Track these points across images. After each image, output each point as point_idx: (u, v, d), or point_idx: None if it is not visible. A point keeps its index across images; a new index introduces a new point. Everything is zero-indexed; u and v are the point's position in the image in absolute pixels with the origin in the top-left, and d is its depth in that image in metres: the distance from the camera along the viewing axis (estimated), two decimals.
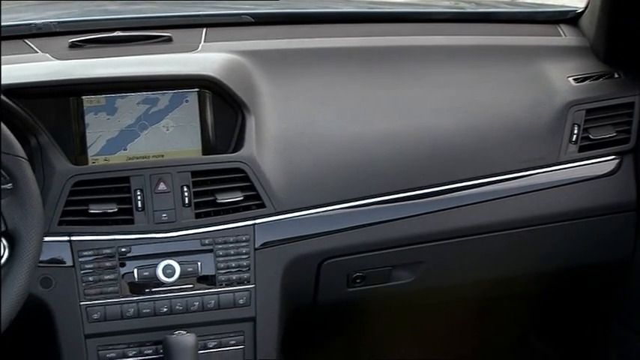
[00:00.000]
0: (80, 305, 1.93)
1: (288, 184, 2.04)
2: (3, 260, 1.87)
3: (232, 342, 2.01)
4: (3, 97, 1.90)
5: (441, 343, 2.72)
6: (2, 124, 1.71)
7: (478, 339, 2.73)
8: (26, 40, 2.19)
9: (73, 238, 1.93)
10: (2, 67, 2.03)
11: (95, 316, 1.93)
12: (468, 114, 2.20)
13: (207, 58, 2.12)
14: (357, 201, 2.09)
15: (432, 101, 2.21)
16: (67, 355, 1.95)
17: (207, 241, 1.98)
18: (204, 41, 2.21)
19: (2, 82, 1.93)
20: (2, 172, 1.86)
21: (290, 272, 2.03)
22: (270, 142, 2.06)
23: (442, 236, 2.15)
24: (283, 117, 2.11)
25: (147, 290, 1.96)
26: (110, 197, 1.96)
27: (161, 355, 1.95)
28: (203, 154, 2.04)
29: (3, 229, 1.70)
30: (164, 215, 1.97)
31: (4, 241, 1.86)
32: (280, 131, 2.09)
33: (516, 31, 2.44)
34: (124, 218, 1.95)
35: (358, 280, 2.14)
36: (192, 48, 2.17)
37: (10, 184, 1.76)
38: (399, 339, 2.70)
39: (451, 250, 2.17)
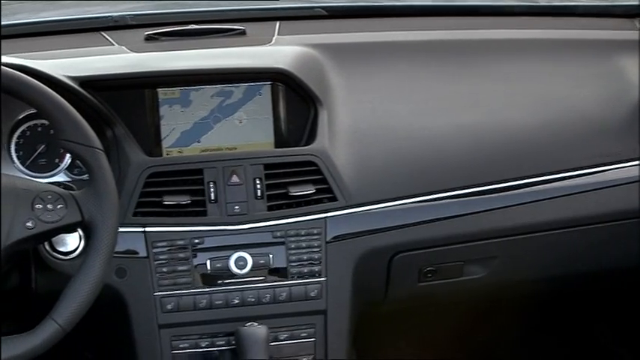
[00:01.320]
0: (154, 296, 1.95)
1: (360, 178, 2.04)
2: (79, 250, 1.91)
3: (303, 334, 2.01)
4: (80, 89, 1.93)
5: (509, 338, 2.70)
6: (80, 116, 1.73)
7: (547, 335, 2.70)
8: (103, 33, 2.22)
9: (148, 229, 1.95)
10: (80, 59, 2.08)
11: (169, 306, 1.95)
12: (541, 108, 2.18)
13: (280, 51, 2.13)
14: (429, 195, 2.07)
15: (505, 95, 2.19)
16: (140, 345, 1.97)
17: (279, 234, 1.99)
18: (278, 34, 2.22)
19: (80, 74, 1.96)
20: (79, 163, 1.90)
21: (361, 266, 2.02)
22: (342, 136, 2.06)
23: (515, 231, 2.13)
24: (356, 110, 2.11)
25: (219, 282, 1.97)
26: (184, 189, 1.97)
27: (233, 347, 1.96)
28: (275, 147, 2.05)
29: (79, 219, 1.73)
30: (236, 207, 1.98)
31: (80, 231, 1.90)
32: (352, 125, 2.09)
33: (591, 24, 2.42)
34: (197, 210, 1.97)
35: (429, 275, 2.14)
36: (266, 41, 2.18)
37: (86, 175, 1.79)
38: (467, 334, 2.69)
39: (524, 246, 2.15)
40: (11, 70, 1.70)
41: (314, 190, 1.99)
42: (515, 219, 2.12)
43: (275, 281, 1.99)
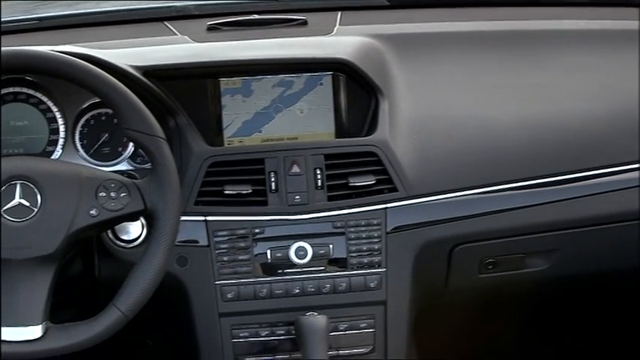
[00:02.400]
0: (215, 284, 1.96)
1: (420, 169, 2.03)
2: (142, 238, 1.93)
3: (363, 325, 2.01)
4: (144, 79, 1.95)
5: (568, 332, 2.68)
6: (143, 105, 1.74)
7: (610, 330, 2.68)
8: (166, 23, 2.24)
9: (209, 218, 1.96)
10: (144, 48, 2.09)
11: (229, 295, 1.96)
12: (604, 99, 2.16)
13: (342, 41, 2.13)
14: (490, 186, 2.06)
15: (567, 87, 2.17)
16: (201, 333, 1.98)
17: (339, 224, 1.99)
18: (339, 24, 2.22)
19: (143, 64, 1.98)
20: (142, 152, 1.91)
21: (421, 257, 2.02)
22: (403, 126, 2.05)
23: (578, 224, 2.11)
24: (417, 101, 2.10)
25: (279, 271, 1.98)
26: (245, 178, 1.98)
27: (293, 336, 1.96)
28: (336, 137, 2.05)
29: (142, 208, 1.75)
30: (297, 197, 1.98)
31: (142, 220, 1.92)
32: (414, 115, 2.08)
33: None
34: (258, 200, 1.98)
35: (490, 267, 2.12)
36: (327, 31, 2.18)
37: (149, 164, 1.81)
38: (525, 328, 2.68)
39: (586, 239, 2.13)
40: (77, 59, 1.72)
41: (374, 181, 1.99)
42: (578, 211, 2.10)
43: (335, 271, 1.99)
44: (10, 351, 1.66)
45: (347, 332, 2.00)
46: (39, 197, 1.70)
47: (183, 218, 1.84)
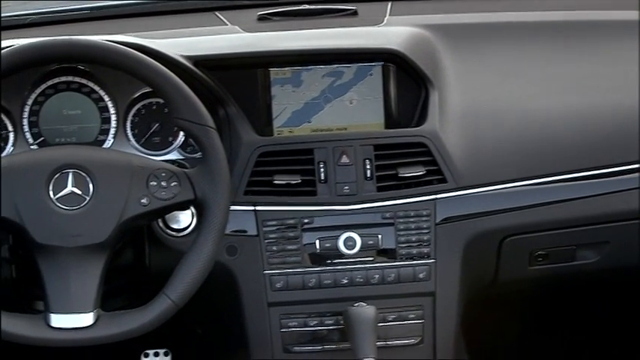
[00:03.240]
0: (264, 274, 1.96)
1: (470, 160, 2.02)
2: (192, 227, 1.94)
3: (411, 316, 2.01)
4: (194, 68, 1.96)
5: (619, 325, 2.66)
6: (194, 95, 1.75)
7: None
8: (216, 13, 2.24)
9: (258, 207, 1.97)
10: (194, 38, 2.10)
11: (278, 285, 1.97)
12: None
13: (392, 31, 2.13)
14: (540, 178, 2.05)
15: (618, 77, 2.15)
16: (250, 322, 1.99)
17: (388, 215, 1.99)
18: (390, 15, 2.22)
19: (194, 54, 1.98)
20: (192, 141, 1.92)
21: (471, 248, 2.01)
22: (453, 117, 2.05)
23: (628, 216, 2.09)
24: (467, 92, 2.10)
25: (328, 261, 1.98)
26: (294, 168, 1.98)
27: (341, 326, 1.97)
28: (385, 128, 2.05)
29: (192, 197, 1.75)
30: (346, 188, 1.98)
31: (192, 209, 1.93)
32: (463, 106, 2.07)
33: None
34: (307, 190, 1.98)
35: (540, 259, 2.10)
36: (378, 21, 2.18)
37: (199, 154, 1.82)
38: (575, 321, 2.65)
39: (637, 231, 2.11)
40: (129, 49, 1.73)
41: (424, 172, 1.98)
42: (629, 203, 2.08)
43: (383, 262, 1.99)
44: (61, 338, 1.68)
45: (395, 323, 2.00)
46: (91, 186, 1.71)
47: (232, 208, 1.84)
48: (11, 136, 2.00)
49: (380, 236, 1.98)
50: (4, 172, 1.69)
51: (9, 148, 2.00)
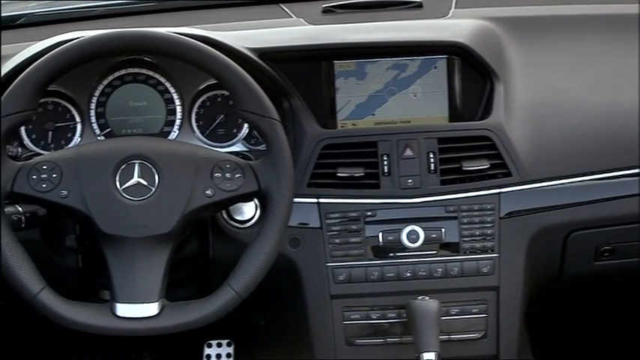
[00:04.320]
0: (327, 266, 1.97)
1: (535, 154, 2.01)
2: (255, 219, 1.95)
3: (475, 310, 2.00)
4: (259, 61, 1.97)
5: None
6: (258, 87, 1.76)
7: None
8: (281, 5, 2.25)
9: (321, 200, 1.97)
10: (259, 30, 2.11)
11: (341, 277, 1.97)
12: None
13: (457, 24, 2.12)
14: (606, 172, 2.03)
15: None
16: (313, 314, 2.00)
17: (451, 208, 1.98)
18: (455, 7, 2.21)
19: (259, 46, 1.99)
20: (256, 133, 1.93)
21: (535, 243, 2.00)
22: (518, 111, 2.03)
23: None
24: (533, 85, 2.08)
25: (391, 255, 1.98)
26: (357, 161, 1.98)
27: (404, 319, 1.97)
28: (450, 121, 2.04)
29: (256, 189, 1.76)
30: (409, 181, 1.98)
31: (256, 200, 1.94)
32: (529, 99, 2.06)
33: None
34: (370, 182, 1.98)
35: (606, 254, 2.08)
36: (443, 14, 2.17)
37: (263, 146, 1.82)
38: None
39: None
40: (195, 41, 1.74)
41: (488, 165, 1.98)
42: None
43: (447, 256, 1.98)
44: (126, 327, 1.70)
45: (458, 317, 2.00)
46: (156, 177, 1.73)
47: (296, 200, 1.84)
48: (79, 127, 2.03)
49: (443, 230, 1.97)
50: (72, 163, 1.71)
51: (76, 139, 2.02)
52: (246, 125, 2.06)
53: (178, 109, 2.05)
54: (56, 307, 1.68)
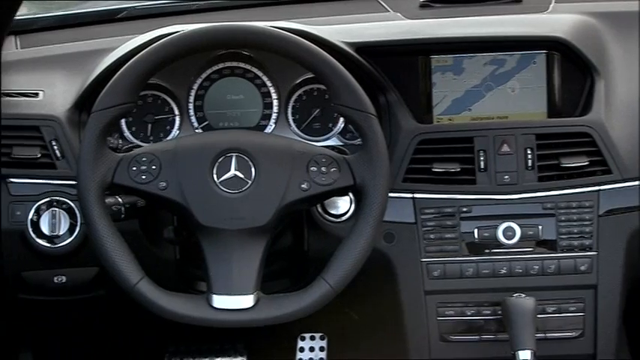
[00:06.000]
0: (421, 262, 1.96)
1: (635, 151, 1.97)
2: (350, 213, 1.95)
3: (572, 309, 1.98)
4: (356, 55, 1.97)
5: None
6: (355, 82, 1.76)
7: None
8: (379, 0, 2.24)
9: (416, 195, 1.97)
10: (356, 25, 2.11)
11: (435, 273, 1.96)
12: None
13: (557, 19, 2.09)
14: None
15: None
16: (407, 310, 2.00)
17: (549, 205, 1.96)
18: (555, 2, 2.18)
19: (356, 40, 2.00)
20: (352, 128, 1.93)
21: (634, 241, 1.97)
22: (619, 107, 2.01)
23: None
24: (633, 81, 2.05)
25: (486, 251, 1.96)
26: (453, 157, 1.97)
27: (499, 317, 1.95)
28: (548, 117, 2.02)
29: (352, 183, 1.76)
30: (506, 177, 1.96)
31: (351, 195, 1.94)
32: (630, 96, 2.03)
33: None
34: (466, 178, 1.97)
35: None
36: (543, 9, 2.15)
37: (359, 140, 1.82)
38: None
39: None
40: (292, 35, 1.75)
41: (587, 162, 1.95)
42: None
43: (543, 253, 1.96)
44: (222, 319, 1.71)
45: (555, 315, 1.97)
46: (253, 170, 1.74)
47: (391, 195, 1.83)
48: (177, 119, 2.05)
49: (540, 227, 1.95)
50: (171, 155, 1.73)
51: (175, 132, 2.05)
52: (341, 119, 2.06)
53: (275, 102, 2.06)
54: (154, 297, 1.70)
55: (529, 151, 1.96)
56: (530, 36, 2.03)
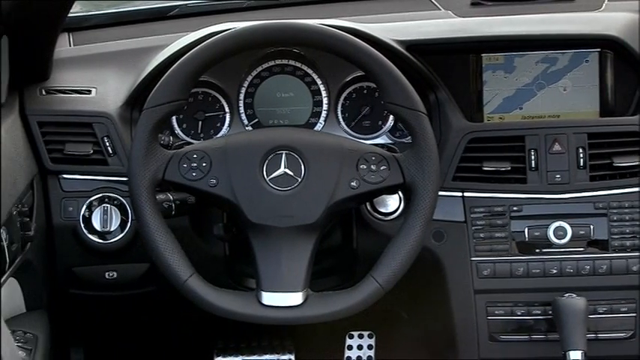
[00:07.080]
0: (471, 261, 1.96)
1: None
2: (399, 212, 1.95)
3: (623, 309, 1.96)
4: (407, 53, 1.97)
5: None
6: (405, 80, 1.75)
7: None
8: None
9: (466, 194, 1.96)
10: (407, 23, 2.11)
11: (485, 272, 1.96)
12: None
13: (611, 17, 2.07)
14: None
15: None
16: (456, 309, 1.99)
17: (600, 205, 1.94)
18: (608, 0, 2.15)
19: (407, 38, 2.00)
20: (402, 126, 1.93)
21: None
22: None
23: None
24: None
25: (537, 250, 1.95)
26: (504, 155, 1.96)
27: (549, 316, 1.94)
28: (600, 116, 2.00)
29: (401, 181, 1.75)
30: (557, 176, 1.95)
31: (400, 193, 1.94)
32: None
33: None
34: (516, 177, 1.96)
35: None
36: (596, 7, 2.13)
37: (408, 138, 1.82)
38: None
39: None
40: (343, 33, 1.75)
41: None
42: None
43: (595, 253, 1.95)
44: (271, 316, 1.71)
45: (606, 316, 1.96)
46: (303, 168, 1.74)
47: (440, 193, 1.83)
48: (227, 117, 2.06)
49: (592, 227, 1.94)
50: (222, 152, 1.74)
51: (225, 129, 2.06)
52: (391, 117, 2.06)
53: (325, 100, 2.06)
54: (204, 293, 1.71)
55: (581, 151, 1.94)
56: (583, 34, 2.01)
